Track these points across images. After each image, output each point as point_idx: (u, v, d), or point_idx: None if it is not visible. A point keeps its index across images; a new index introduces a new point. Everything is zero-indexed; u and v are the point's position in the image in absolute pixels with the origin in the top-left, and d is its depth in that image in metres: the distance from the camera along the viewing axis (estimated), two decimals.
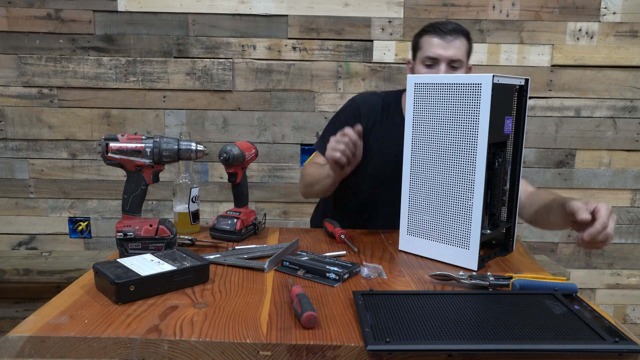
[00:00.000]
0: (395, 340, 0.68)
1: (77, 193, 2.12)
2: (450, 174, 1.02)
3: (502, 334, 0.70)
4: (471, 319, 0.75)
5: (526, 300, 0.83)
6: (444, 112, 1.02)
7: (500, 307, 0.80)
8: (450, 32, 1.31)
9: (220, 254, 1.07)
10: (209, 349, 0.70)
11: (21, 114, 2.05)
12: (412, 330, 0.72)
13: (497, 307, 0.80)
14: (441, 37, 1.31)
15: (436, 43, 1.31)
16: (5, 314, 2.18)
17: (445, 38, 1.31)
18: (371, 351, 0.67)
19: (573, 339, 0.69)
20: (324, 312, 0.79)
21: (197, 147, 1.05)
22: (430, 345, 0.68)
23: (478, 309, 0.79)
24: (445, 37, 1.31)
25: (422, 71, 1.35)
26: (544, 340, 0.69)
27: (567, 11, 2.03)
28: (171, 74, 2.04)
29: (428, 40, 1.33)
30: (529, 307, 0.80)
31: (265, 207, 2.15)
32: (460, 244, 1.02)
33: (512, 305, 0.81)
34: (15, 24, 1.99)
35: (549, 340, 0.69)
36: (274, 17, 2.02)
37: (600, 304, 2.25)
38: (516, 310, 0.79)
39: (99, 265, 0.87)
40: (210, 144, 2.09)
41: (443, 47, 1.30)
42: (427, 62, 1.33)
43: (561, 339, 0.69)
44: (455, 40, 1.31)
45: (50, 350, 0.70)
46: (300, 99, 2.07)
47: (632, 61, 2.07)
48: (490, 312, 0.78)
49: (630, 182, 2.16)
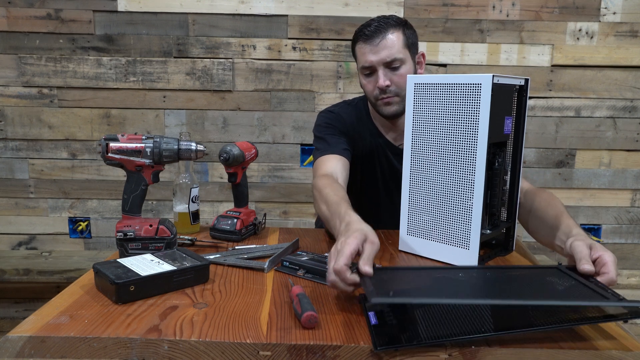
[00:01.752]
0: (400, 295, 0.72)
1: (77, 193, 2.12)
2: (450, 174, 1.02)
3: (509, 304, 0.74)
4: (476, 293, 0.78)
5: (531, 274, 0.85)
6: (444, 112, 1.02)
7: (504, 283, 0.82)
8: (375, 33, 1.21)
9: (220, 254, 1.07)
10: (209, 349, 0.70)
11: (21, 114, 2.05)
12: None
13: (501, 283, 0.82)
14: (368, 42, 1.22)
15: (366, 50, 1.23)
16: (5, 314, 2.18)
17: (372, 42, 1.21)
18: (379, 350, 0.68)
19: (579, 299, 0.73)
20: (324, 312, 0.79)
21: (197, 147, 1.05)
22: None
23: (482, 285, 0.81)
24: (372, 40, 1.21)
25: (363, 82, 1.29)
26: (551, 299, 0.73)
27: (567, 11, 2.03)
28: (171, 74, 2.04)
29: (360, 49, 1.25)
30: (534, 279, 0.82)
31: (265, 207, 2.15)
32: (460, 244, 1.02)
33: (517, 280, 0.82)
34: (15, 24, 1.99)
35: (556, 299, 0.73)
36: (274, 17, 2.02)
37: None
38: (521, 284, 0.81)
39: (99, 265, 0.87)
40: (210, 144, 2.09)
41: (373, 52, 1.21)
42: (365, 72, 1.26)
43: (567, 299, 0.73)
44: (384, 40, 1.21)
45: (50, 350, 0.70)
46: (300, 99, 2.07)
47: (632, 61, 2.07)
48: (496, 287, 0.81)
49: (630, 182, 2.16)
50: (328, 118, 1.39)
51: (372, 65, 1.23)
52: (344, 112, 1.40)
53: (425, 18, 2.02)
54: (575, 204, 2.17)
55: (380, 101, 1.27)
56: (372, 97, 1.29)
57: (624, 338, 0.73)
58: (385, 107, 1.27)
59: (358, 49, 1.27)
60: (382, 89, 1.24)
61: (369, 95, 1.30)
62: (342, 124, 1.37)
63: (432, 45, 2.05)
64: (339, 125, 1.37)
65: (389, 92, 1.24)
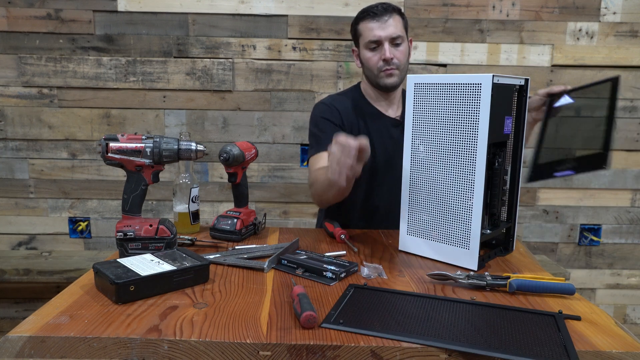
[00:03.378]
0: (352, 325, 0.74)
1: (77, 193, 2.12)
2: (450, 174, 1.02)
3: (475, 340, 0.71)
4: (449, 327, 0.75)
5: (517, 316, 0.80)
6: (444, 112, 1.02)
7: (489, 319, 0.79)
8: (383, 12, 1.38)
9: (220, 254, 1.07)
10: (209, 349, 0.70)
11: (21, 114, 2.05)
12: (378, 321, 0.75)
13: (488, 318, 0.79)
14: (377, 20, 1.37)
15: (374, 26, 1.38)
16: (5, 314, 2.18)
17: (381, 19, 1.37)
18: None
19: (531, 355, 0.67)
20: (324, 312, 0.79)
21: (197, 147, 1.05)
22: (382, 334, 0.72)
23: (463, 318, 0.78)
24: (381, 18, 1.37)
25: (367, 55, 1.41)
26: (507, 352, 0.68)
27: (567, 11, 2.03)
28: (171, 74, 2.04)
29: (366, 26, 1.40)
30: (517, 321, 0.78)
31: (265, 207, 2.15)
32: (460, 244, 1.02)
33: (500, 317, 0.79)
34: (15, 24, 1.99)
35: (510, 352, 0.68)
36: (274, 17, 2.02)
37: (600, 304, 2.26)
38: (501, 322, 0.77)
39: (99, 265, 0.87)
40: (210, 144, 2.09)
41: (381, 29, 1.37)
42: (371, 46, 1.40)
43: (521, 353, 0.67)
44: (390, 19, 1.37)
45: (50, 350, 0.70)
46: (300, 99, 2.07)
47: (632, 61, 2.07)
48: (480, 321, 0.77)
49: (630, 182, 2.16)
50: (322, 111, 1.46)
51: (380, 39, 1.37)
52: (338, 102, 1.48)
53: (425, 18, 2.02)
54: (575, 204, 2.17)
55: (383, 72, 1.40)
56: (375, 70, 1.41)
57: (624, 338, 0.73)
58: (387, 78, 1.41)
59: (364, 26, 1.40)
60: (388, 60, 1.38)
61: (373, 67, 1.41)
62: (335, 115, 1.44)
63: (432, 45, 2.05)
64: (332, 117, 1.44)
65: (392, 64, 1.39)
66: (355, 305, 0.81)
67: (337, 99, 1.50)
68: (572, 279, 2.20)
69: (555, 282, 0.89)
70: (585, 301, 0.87)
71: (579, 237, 2.20)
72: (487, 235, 1.04)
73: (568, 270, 2.11)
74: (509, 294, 0.89)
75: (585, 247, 2.21)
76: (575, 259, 2.22)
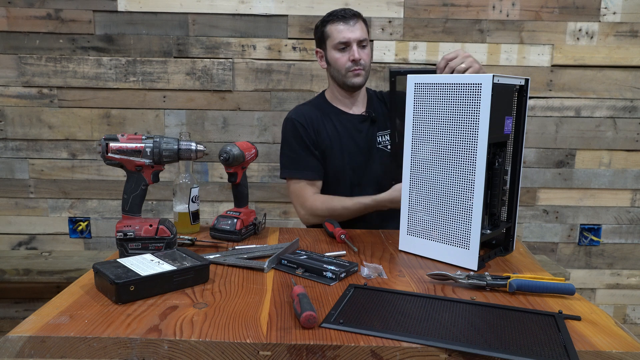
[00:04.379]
0: (352, 325, 0.74)
1: (77, 193, 2.12)
2: (450, 174, 1.02)
3: (475, 340, 0.71)
4: (449, 327, 0.75)
5: (517, 316, 0.80)
6: (444, 112, 1.02)
7: (489, 319, 0.79)
8: (351, 17, 1.48)
9: (220, 254, 1.07)
10: (209, 349, 0.70)
11: (21, 114, 2.05)
12: (378, 321, 0.75)
13: (487, 318, 0.79)
14: (345, 23, 1.47)
15: (343, 29, 1.47)
16: (5, 314, 2.18)
17: (349, 23, 1.47)
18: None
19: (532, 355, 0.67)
20: (324, 312, 0.79)
21: (197, 147, 1.05)
22: (382, 334, 0.72)
23: (463, 318, 0.78)
24: (349, 22, 1.47)
25: (336, 56, 1.49)
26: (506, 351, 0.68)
27: (567, 11, 2.03)
28: (171, 74, 2.04)
29: (335, 28, 1.48)
30: (517, 321, 0.78)
31: (265, 207, 2.15)
32: (461, 244, 1.02)
33: (500, 317, 0.79)
34: (15, 24, 1.99)
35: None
36: (274, 17, 2.02)
37: (600, 304, 2.26)
38: (501, 322, 0.77)
39: (99, 265, 0.87)
40: (210, 144, 2.09)
41: (350, 31, 1.46)
42: (340, 47, 1.48)
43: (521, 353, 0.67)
44: (357, 24, 1.48)
45: (50, 350, 0.70)
46: (300, 99, 2.07)
47: (632, 61, 2.07)
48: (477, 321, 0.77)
49: (630, 182, 2.16)
50: (291, 130, 1.54)
51: (349, 41, 1.47)
52: (305, 112, 1.56)
53: (425, 18, 2.02)
54: (575, 204, 2.17)
55: (351, 72, 1.49)
56: (343, 70, 1.50)
57: (624, 338, 0.73)
58: (354, 78, 1.50)
59: (333, 28, 1.49)
60: (357, 61, 1.47)
61: (341, 67, 1.50)
62: (303, 129, 1.52)
63: (432, 45, 2.05)
64: (302, 133, 1.52)
65: (359, 64, 1.49)
66: (355, 305, 0.81)
67: (303, 109, 1.58)
68: (572, 279, 2.20)
69: (555, 282, 0.89)
70: (585, 301, 0.87)
71: (579, 237, 2.20)
72: (487, 235, 1.04)
73: (568, 270, 2.11)
74: (509, 294, 0.89)
75: (585, 247, 2.21)
76: (575, 259, 2.22)
